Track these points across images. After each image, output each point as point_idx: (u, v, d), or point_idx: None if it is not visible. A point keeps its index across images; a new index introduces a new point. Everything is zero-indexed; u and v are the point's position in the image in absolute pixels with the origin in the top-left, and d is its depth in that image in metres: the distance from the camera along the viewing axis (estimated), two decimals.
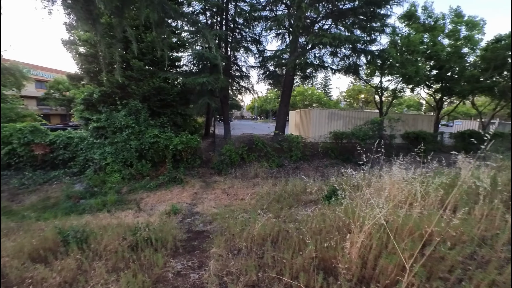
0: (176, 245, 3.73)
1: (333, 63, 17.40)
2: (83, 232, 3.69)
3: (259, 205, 7.29)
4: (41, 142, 10.68)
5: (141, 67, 10.68)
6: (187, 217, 6.66)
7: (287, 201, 7.66)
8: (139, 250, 3.17)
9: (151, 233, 3.77)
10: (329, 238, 3.13)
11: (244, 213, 6.63)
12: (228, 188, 9.81)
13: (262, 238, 3.75)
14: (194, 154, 11.66)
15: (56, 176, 10.58)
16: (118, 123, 10.65)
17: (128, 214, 7.07)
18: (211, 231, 4.77)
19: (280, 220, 5.22)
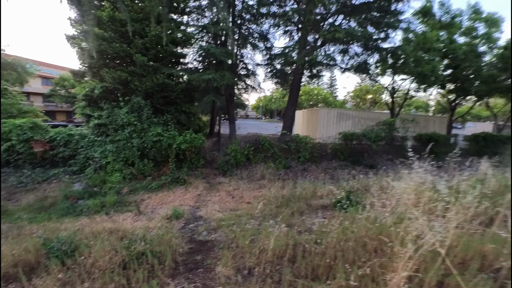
0: (176, 260, 3.23)
1: (342, 62, 16.82)
2: (71, 243, 3.21)
3: (267, 210, 6.77)
4: (41, 139, 10.31)
5: (145, 62, 10.23)
6: (189, 222, 6.17)
7: (297, 206, 7.13)
8: (132, 271, 2.67)
9: (148, 245, 3.28)
10: (360, 262, 2.60)
11: (252, 219, 6.12)
12: (233, 190, 9.31)
13: (275, 254, 3.23)
14: (198, 154, 11.19)
15: (55, 174, 10.21)
16: (120, 121, 10.23)
17: (127, 218, 6.62)
18: (216, 242, 4.27)
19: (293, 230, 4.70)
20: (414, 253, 2.18)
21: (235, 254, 3.32)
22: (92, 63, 10.72)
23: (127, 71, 10.47)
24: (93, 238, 3.92)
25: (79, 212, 7.52)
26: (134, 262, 2.85)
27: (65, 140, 10.52)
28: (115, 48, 10.23)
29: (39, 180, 9.84)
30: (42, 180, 9.89)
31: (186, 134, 10.52)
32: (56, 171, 10.34)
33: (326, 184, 9.65)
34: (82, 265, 2.81)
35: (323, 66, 16.77)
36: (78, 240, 3.41)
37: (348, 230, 3.80)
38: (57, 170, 10.35)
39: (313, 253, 3.21)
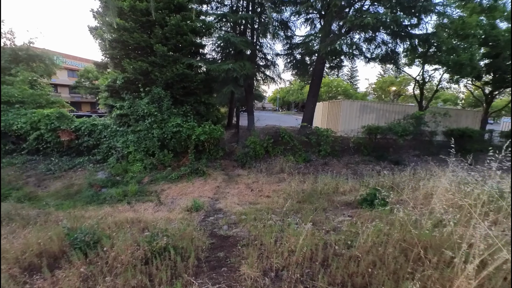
0: (199, 257, 3.08)
1: (367, 51, 15.92)
2: (93, 234, 3.15)
3: (289, 206, 6.52)
4: (66, 128, 10.66)
5: (165, 52, 10.14)
6: (209, 214, 6.07)
7: (319, 202, 6.83)
8: (154, 268, 2.54)
9: (170, 239, 3.16)
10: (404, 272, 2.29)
11: (273, 215, 5.92)
12: (252, 183, 9.14)
13: (304, 255, 2.98)
14: (216, 145, 11.09)
15: (80, 163, 10.56)
16: (141, 111, 10.30)
17: (148, 208, 6.65)
18: (238, 237, 4.09)
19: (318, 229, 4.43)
20: (478, 269, 1.84)
21: (261, 253, 3.12)
22: (114, 54, 10.81)
23: (147, 61, 10.46)
24: (116, 229, 3.88)
25: (102, 200, 7.69)
26: (156, 257, 2.72)
27: (89, 130, 10.81)
28: (135, 38, 10.21)
29: (66, 168, 10.21)
30: (69, 168, 10.27)
31: (205, 125, 10.42)
32: (81, 159, 10.68)
33: (348, 179, 9.22)
34: (104, 258, 2.73)
35: (346, 56, 15.98)
36: (101, 231, 3.36)
37: (381, 232, 3.47)
38: (82, 159, 10.70)
39: (345, 257, 2.93)
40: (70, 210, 6.10)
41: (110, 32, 10.42)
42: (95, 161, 10.68)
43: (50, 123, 10.53)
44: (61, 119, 10.81)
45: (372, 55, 15.76)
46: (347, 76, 63.92)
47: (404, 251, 2.85)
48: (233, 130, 15.11)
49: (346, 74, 63.71)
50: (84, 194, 8.14)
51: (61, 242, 3.13)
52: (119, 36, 10.24)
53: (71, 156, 11.07)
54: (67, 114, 11.19)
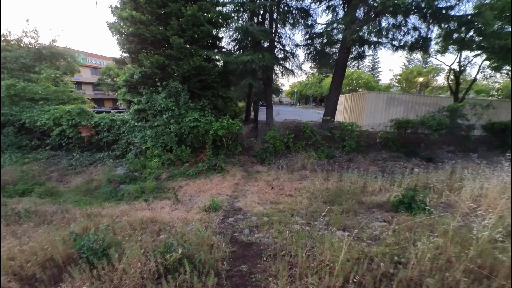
0: (219, 271, 2.66)
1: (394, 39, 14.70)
2: (103, 241, 2.81)
3: (314, 207, 5.97)
4: (87, 124, 10.72)
5: (181, 44, 9.81)
6: (228, 215, 5.67)
7: (347, 203, 6.20)
8: None
9: (186, 250, 2.75)
10: None
11: (297, 217, 5.40)
12: (273, 180, 8.64)
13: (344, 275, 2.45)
14: (235, 141, 10.68)
15: (100, 158, 10.61)
16: (158, 106, 10.09)
17: (165, 206, 6.37)
18: (262, 245, 3.63)
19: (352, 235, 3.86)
20: None
21: (291, 268, 2.63)
22: (131, 48, 10.64)
23: (164, 54, 10.19)
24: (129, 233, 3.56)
25: (120, 197, 7.56)
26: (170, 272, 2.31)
27: (108, 126, 10.80)
28: (152, 31, 9.94)
29: (86, 163, 10.29)
30: (89, 163, 10.34)
31: (223, 120, 10.03)
32: (101, 155, 10.73)
33: (377, 178, 8.47)
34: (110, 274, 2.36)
35: (371, 45, 14.92)
36: (111, 237, 3.02)
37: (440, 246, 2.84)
38: (102, 154, 10.75)
39: (397, 279, 2.36)
40: (87, 207, 5.95)
41: (127, 26, 10.23)
42: (115, 156, 10.69)
43: (71, 119, 10.64)
44: (81, 115, 10.89)
45: (400, 43, 14.54)
46: (368, 67, 61.10)
47: (479, 280, 2.23)
48: (251, 125, 14.63)
49: (367, 66, 60.92)
50: (103, 190, 8.07)
51: (68, 249, 2.82)
52: (135, 30, 10.02)
53: (91, 151, 11.17)
54: (87, 110, 11.26)
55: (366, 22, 11.58)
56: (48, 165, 10.32)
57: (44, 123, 10.84)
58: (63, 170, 9.93)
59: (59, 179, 9.34)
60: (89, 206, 6.20)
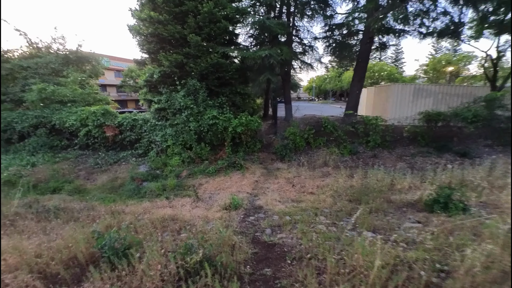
0: (241, 275, 2.51)
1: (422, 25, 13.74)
2: (124, 240, 2.76)
3: (339, 206, 5.66)
4: (110, 124, 11.09)
5: (198, 42, 9.79)
6: (249, 213, 5.53)
7: (374, 202, 5.82)
8: None
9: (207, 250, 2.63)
10: None
11: (321, 216, 5.14)
12: (293, 178, 8.39)
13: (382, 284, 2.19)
14: (254, 137, 10.54)
15: (124, 157, 10.94)
16: (177, 104, 10.18)
17: (186, 203, 6.37)
18: (285, 246, 3.44)
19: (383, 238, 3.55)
20: None
21: (319, 274, 2.41)
22: (150, 48, 10.81)
23: (182, 53, 10.24)
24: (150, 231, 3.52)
25: (143, 194, 7.71)
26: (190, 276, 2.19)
27: (130, 125, 11.11)
28: (169, 30, 10.01)
29: (111, 162, 10.66)
30: (114, 162, 10.70)
31: (242, 117, 9.91)
32: (125, 153, 11.07)
33: (406, 175, 7.95)
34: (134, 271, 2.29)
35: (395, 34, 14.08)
36: (132, 236, 2.98)
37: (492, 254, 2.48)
38: (125, 153, 11.08)
39: None
40: (111, 205, 6.09)
41: (146, 27, 10.40)
42: (137, 155, 10.97)
43: (96, 120, 11.06)
44: (105, 115, 11.29)
45: (429, 29, 13.56)
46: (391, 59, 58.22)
47: None
48: (270, 121, 14.41)
49: (389, 57, 58.07)
50: (126, 187, 8.28)
51: (91, 248, 2.81)
52: (154, 30, 10.16)
53: (116, 150, 11.56)
54: (111, 111, 11.66)
55: (391, 8, 10.86)
56: (76, 164, 10.82)
57: (72, 124, 11.37)
58: (90, 168, 10.36)
59: (87, 177, 9.74)
60: (113, 204, 6.35)
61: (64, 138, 12.27)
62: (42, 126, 12.16)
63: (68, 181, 8.96)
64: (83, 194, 8.18)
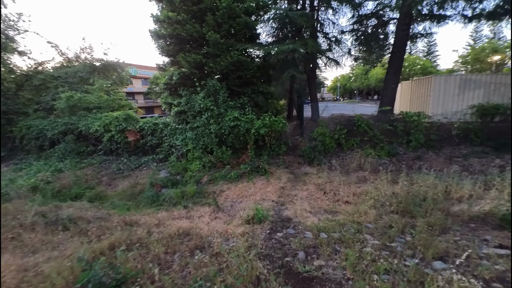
0: None
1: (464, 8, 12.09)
2: (116, 273, 2.11)
3: (386, 221, 4.65)
4: (132, 129, 10.94)
5: (217, 39, 9.25)
6: (276, 227, 4.72)
7: (432, 216, 4.70)
8: None
9: None
10: None
11: (367, 234, 4.17)
12: (324, 184, 7.41)
13: None
14: (278, 139, 9.72)
15: (145, 162, 10.70)
16: (197, 106, 9.71)
17: (204, 214, 5.73)
18: (328, 282, 2.58)
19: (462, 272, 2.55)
20: None
21: None
22: (169, 50, 10.51)
23: (201, 53, 9.79)
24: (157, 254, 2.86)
25: (161, 202, 7.24)
26: None
27: (151, 129, 10.87)
28: (188, 30, 9.62)
29: (133, 167, 10.46)
30: (135, 167, 10.49)
31: (265, 118, 9.15)
32: (146, 158, 10.83)
33: (463, 180, 6.65)
34: None
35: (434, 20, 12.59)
36: (127, 269, 2.32)
37: None
38: (147, 158, 10.84)
39: None
40: (125, 214, 5.63)
41: (164, 28, 10.11)
42: (158, 160, 10.68)
43: (118, 125, 10.99)
44: (128, 120, 11.19)
45: (475, 11, 11.83)
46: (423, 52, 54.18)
47: None
48: (295, 122, 13.50)
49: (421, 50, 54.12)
50: (145, 194, 7.89)
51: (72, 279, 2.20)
52: (172, 31, 9.82)
53: (138, 155, 11.40)
54: (133, 115, 11.56)
55: None
56: (100, 169, 10.79)
57: (96, 130, 11.43)
58: (112, 174, 10.24)
59: (108, 183, 9.59)
60: (128, 213, 5.91)
61: (90, 144, 12.43)
62: (70, 132, 12.45)
63: (90, 187, 8.83)
64: (103, 200, 7.94)
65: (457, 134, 9.87)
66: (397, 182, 7.04)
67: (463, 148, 9.67)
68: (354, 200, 6.27)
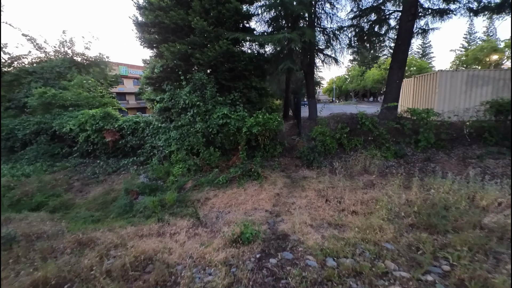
0: None
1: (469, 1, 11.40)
2: None
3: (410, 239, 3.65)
4: (110, 128, 9.81)
5: (204, 27, 8.23)
6: (269, 249, 3.67)
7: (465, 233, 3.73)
8: None
9: None
10: None
11: (389, 261, 3.15)
12: (326, 190, 6.39)
13: None
14: (273, 140, 8.70)
15: (124, 165, 9.57)
16: (182, 102, 8.65)
17: (181, 229, 4.64)
18: None
19: None
20: None
21: None
22: (152, 40, 9.43)
23: (186, 42, 8.74)
24: None
25: (135, 212, 6.13)
26: None
27: (132, 128, 9.75)
28: (172, 17, 8.58)
29: (110, 171, 9.32)
30: (113, 171, 9.36)
31: (258, 115, 8.13)
32: (126, 161, 9.69)
33: (485, 184, 5.75)
34: None
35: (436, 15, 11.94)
36: None
37: None
38: (126, 161, 9.71)
39: None
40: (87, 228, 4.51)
41: (146, 15, 9.06)
42: (139, 162, 9.55)
43: (95, 123, 9.85)
44: (106, 118, 10.05)
45: (480, 4, 11.12)
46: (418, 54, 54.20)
47: None
48: (291, 122, 12.51)
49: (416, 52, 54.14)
50: (118, 203, 6.77)
51: None
52: (154, 18, 8.79)
53: (118, 158, 10.24)
54: (112, 113, 10.41)
55: None
56: (74, 173, 9.62)
57: (71, 129, 10.26)
58: (86, 179, 9.08)
59: (80, 189, 8.43)
60: (90, 228, 4.78)
61: (66, 145, 11.23)
62: (43, 132, 11.24)
63: (56, 194, 7.65)
64: (69, 210, 6.78)
65: (470, 133, 8.99)
66: (409, 187, 6.11)
67: (476, 148, 8.77)
68: (362, 209, 5.26)
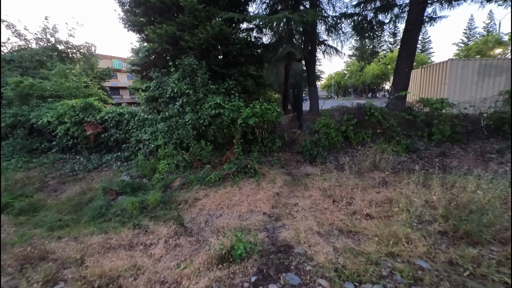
0: None
1: None
2: None
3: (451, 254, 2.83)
4: (92, 120, 8.86)
5: (194, 5, 7.28)
6: (267, 268, 2.83)
7: None
8: None
9: None
10: None
11: None
12: (333, 188, 5.54)
13: None
14: (272, 133, 7.83)
15: (107, 161, 8.65)
16: (170, 91, 7.72)
17: (159, 239, 3.78)
18: None
19: None
20: None
21: None
22: (136, 22, 8.45)
23: (175, 23, 7.78)
24: None
25: (111, 216, 5.24)
26: None
27: (115, 121, 8.80)
28: None
29: (91, 167, 8.39)
30: (94, 167, 8.43)
31: (255, 105, 7.24)
32: (109, 157, 8.77)
33: None
34: None
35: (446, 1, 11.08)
36: None
37: None
38: (110, 156, 8.78)
39: None
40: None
41: None
42: (123, 158, 8.63)
43: (75, 115, 8.89)
44: (87, 110, 9.08)
45: None
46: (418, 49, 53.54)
47: None
48: (291, 115, 11.62)
49: None
50: (93, 204, 5.88)
51: None
52: None
53: (101, 153, 9.30)
54: (94, 104, 9.44)
55: None
56: (51, 170, 8.67)
57: (48, 122, 9.28)
58: (64, 176, 8.15)
59: (55, 188, 7.51)
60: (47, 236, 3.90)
61: (45, 140, 10.24)
62: (20, 126, 10.24)
63: (26, 194, 6.72)
64: (36, 214, 5.87)
65: (486, 126, 8.19)
66: (427, 185, 5.30)
67: (494, 142, 7.97)
68: (377, 212, 4.44)
